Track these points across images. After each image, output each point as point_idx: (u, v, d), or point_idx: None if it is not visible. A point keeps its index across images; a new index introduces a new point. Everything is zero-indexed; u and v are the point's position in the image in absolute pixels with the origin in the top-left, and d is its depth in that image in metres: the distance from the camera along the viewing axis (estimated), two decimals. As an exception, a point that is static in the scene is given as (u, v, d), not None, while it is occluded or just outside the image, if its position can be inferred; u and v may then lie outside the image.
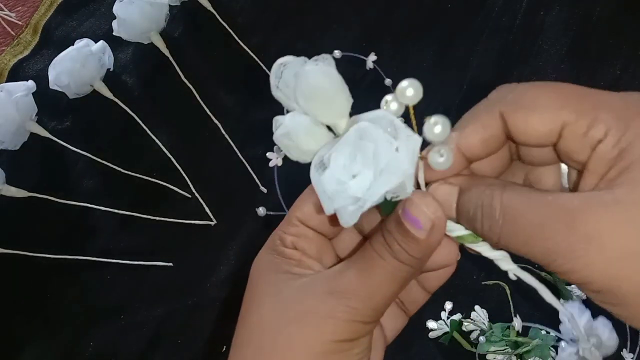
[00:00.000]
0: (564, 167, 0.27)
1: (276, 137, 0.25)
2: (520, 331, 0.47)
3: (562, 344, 0.45)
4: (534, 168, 0.28)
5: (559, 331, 0.46)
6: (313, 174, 0.24)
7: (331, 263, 0.29)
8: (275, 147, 0.56)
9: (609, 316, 0.44)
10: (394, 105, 0.25)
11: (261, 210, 0.55)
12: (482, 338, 0.47)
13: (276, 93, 0.25)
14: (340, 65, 0.25)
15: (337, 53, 0.59)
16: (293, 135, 0.25)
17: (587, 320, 0.44)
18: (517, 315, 0.48)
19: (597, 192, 0.23)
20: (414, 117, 0.25)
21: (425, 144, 0.25)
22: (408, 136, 0.24)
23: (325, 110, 0.25)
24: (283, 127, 0.25)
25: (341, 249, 0.30)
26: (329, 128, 0.25)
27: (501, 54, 0.59)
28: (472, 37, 0.61)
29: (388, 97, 0.25)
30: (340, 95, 0.25)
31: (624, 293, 0.21)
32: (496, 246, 0.24)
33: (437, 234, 0.25)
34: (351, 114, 0.25)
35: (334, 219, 0.25)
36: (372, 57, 0.58)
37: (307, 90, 0.24)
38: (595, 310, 0.45)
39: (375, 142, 0.23)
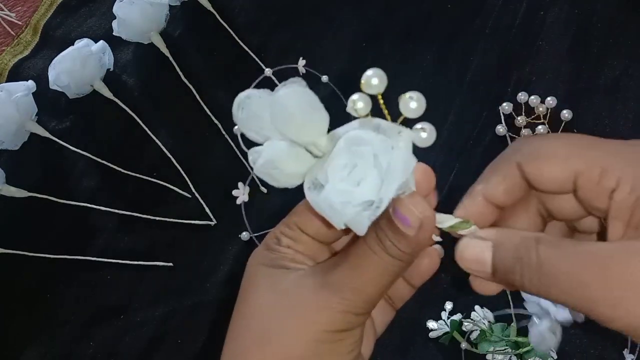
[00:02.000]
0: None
1: (257, 169, 0.25)
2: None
3: (534, 319, 0.46)
4: (547, 199, 0.29)
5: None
6: (310, 196, 0.25)
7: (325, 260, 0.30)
8: (239, 183, 0.55)
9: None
10: (360, 104, 0.25)
11: (245, 235, 0.55)
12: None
13: (245, 127, 0.25)
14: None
15: (268, 71, 0.58)
16: (276, 160, 0.25)
17: None
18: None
19: (628, 240, 0.24)
20: (384, 107, 0.25)
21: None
22: (398, 132, 0.24)
23: (305, 130, 0.25)
24: (263, 157, 0.25)
25: (338, 248, 0.31)
26: (308, 150, 0.26)
27: (501, 54, 0.59)
28: (472, 37, 0.61)
29: (354, 96, 0.25)
30: (317, 114, 0.25)
31: None
32: (538, 296, 0.25)
33: (426, 231, 0.26)
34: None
35: (347, 230, 0.25)
36: (301, 62, 0.58)
37: (285, 114, 0.24)
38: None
39: (371, 144, 0.24)
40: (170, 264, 0.56)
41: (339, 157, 0.24)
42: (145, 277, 0.56)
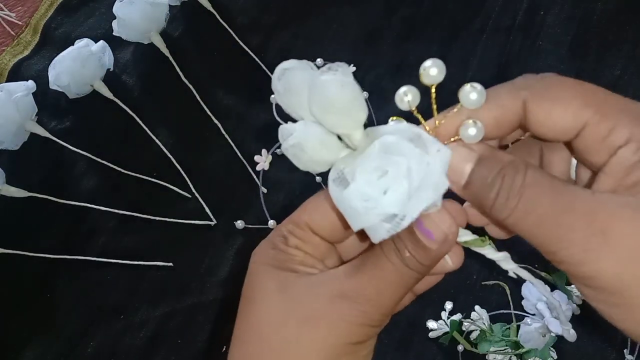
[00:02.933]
0: (574, 161, 0.28)
1: (285, 147, 0.24)
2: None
3: (527, 319, 0.46)
4: (543, 156, 0.28)
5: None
6: (333, 189, 0.24)
7: (334, 265, 0.29)
8: (262, 150, 0.55)
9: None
10: (409, 97, 0.24)
11: (239, 224, 0.55)
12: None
13: (282, 100, 0.24)
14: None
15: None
16: (305, 145, 0.24)
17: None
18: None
19: (620, 195, 0.23)
20: (435, 100, 0.25)
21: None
22: (438, 150, 0.23)
23: (342, 122, 0.24)
24: (294, 137, 0.24)
25: (344, 251, 0.30)
26: (339, 138, 0.25)
27: (501, 54, 0.59)
28: (472, 37, 0.61)
29: (403, 88, 0.24)
30: (357, 106, 0.24)
31: (631, 294, 0.21)
32: (502, 222, 0.24)
33: (448, 245, 0.25)
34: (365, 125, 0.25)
35: (362, 234, 0.25)
36: (319, 62, 0.58)
37: (324, 101, 0.23)
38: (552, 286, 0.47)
39: (407, 157, 0.23)
40: (170, 264, 0.56)
41: (371, 159, 0.23)
42: (145, 277, 0.56)
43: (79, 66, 0.61)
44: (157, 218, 0.58)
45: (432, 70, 0.24)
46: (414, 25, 0.63)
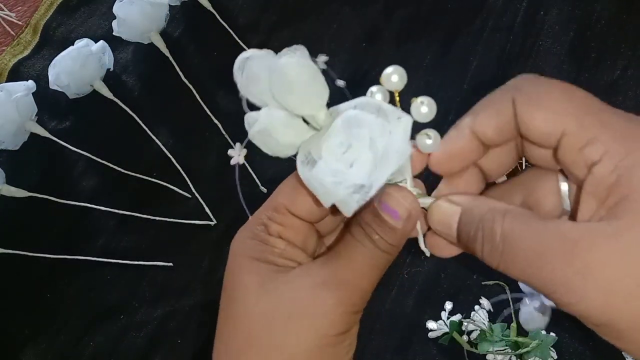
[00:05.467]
0: (564, 189, 0.27)
1: (252, 134, 0.25)
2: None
3: (526, 299, 0.46)
4: (532, 191, 0.28)
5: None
6: (302, 170, 0.24)
7: (314, 246, 0.30)
8: (236, 144, 0.54)
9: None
10: (379, 96, 0.25)
11: None
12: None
13: (246, 89, 0.25)
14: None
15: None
16: (271, 130, 0.24)
17: None
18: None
19: (597, 223, 0.22)
20: (399, 104, 0.25)
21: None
22: (398, 118, 0.24)
23: (304, 102, 0.24)
24: (259, 124, 0.24)
25: (324, 229, 0.30)
26: (305, 121, 0.25)
27: (501, 54, 0.59)
28: (472, 37, 0.60)
29: (373, 88, 0.25)
30: (318, 86, 0.24)
31: (622, 328, 0.21)
32: (497, 270, 0.24)
33: (412, 222, 0.26)
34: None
35: (334, 210, 0.25)
36: (322, 58, 0.57)
37: (284, 83, 0.24)
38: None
39: (369, 127, 0.23)
40: (170, 264, 0.56)
41: (335, 135, 0.24)
42: (145, 277, 0.56)
43: (79, 66, 0.61)
44: (157, 218, 0.58)
45: (394, 77, 0.25)
46: (414, 25, 0.63)
